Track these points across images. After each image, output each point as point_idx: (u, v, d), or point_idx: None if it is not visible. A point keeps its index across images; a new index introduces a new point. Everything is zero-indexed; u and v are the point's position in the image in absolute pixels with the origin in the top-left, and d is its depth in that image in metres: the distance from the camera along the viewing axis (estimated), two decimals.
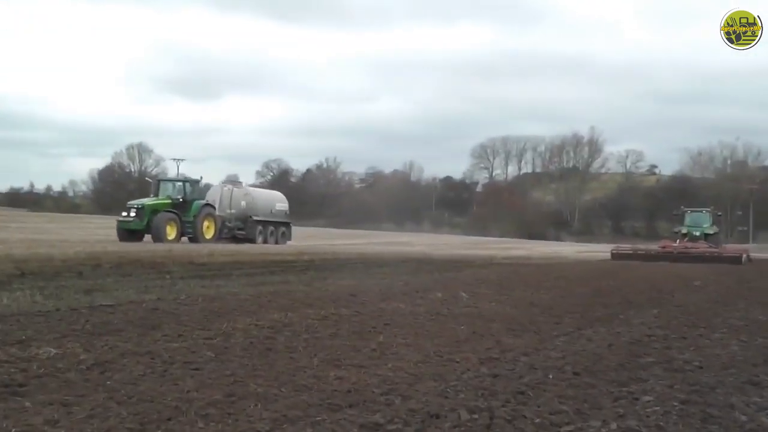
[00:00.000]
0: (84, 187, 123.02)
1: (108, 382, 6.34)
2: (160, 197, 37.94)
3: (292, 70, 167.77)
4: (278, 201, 47.95)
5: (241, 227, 43.11)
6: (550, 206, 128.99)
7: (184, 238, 37.62)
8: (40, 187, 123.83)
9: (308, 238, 56.53)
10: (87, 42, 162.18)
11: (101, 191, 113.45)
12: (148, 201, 37.38)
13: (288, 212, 48.39)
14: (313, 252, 32.65)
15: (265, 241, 43.45)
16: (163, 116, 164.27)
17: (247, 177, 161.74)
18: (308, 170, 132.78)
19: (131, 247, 27.21)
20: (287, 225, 47.47)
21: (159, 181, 40.32)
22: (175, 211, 36.83)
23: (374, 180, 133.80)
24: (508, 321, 10.95)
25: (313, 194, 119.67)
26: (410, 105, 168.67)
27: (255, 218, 43.71)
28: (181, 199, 37.77)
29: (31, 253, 20.66)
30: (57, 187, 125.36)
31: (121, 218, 36.66)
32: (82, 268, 17.28)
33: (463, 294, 14.70)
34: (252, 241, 42.32)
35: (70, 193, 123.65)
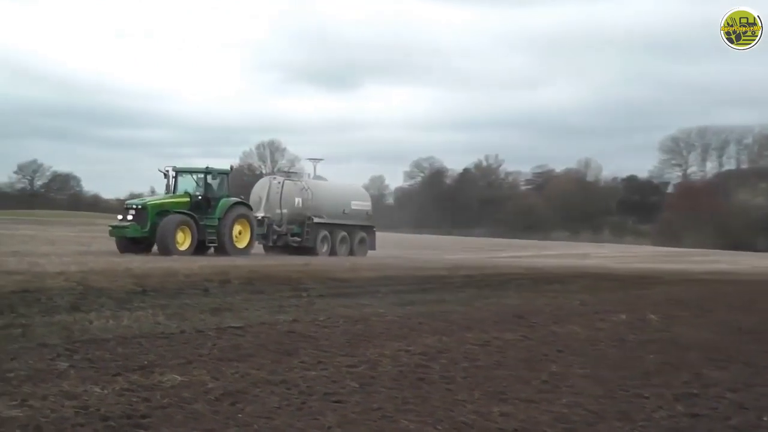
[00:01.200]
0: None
1: (239, 415, 6.53)
2: (175, 194, 33.22)
3: (444, 54, 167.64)
4: (354, 197, 41.88)
5: (297, 232, 37.69)
6: (761, 210, 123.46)
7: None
8: (161, 191, 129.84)
9: (465, 250, 56.55)
10: (208, 29, 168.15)
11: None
12: (151, 199, 33.35)
13: (371, 212, 42.48)
14: (472, 266, 32.64)
15: (332, 252, 38.38)
16: (296, 110, 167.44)
17: (395, 178, 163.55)
18: (465, 170, 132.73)
19: (260, 261, 28.04)
20: (368, 230, 41.53)
21: (176, 172, 33.97)
22: (189, 212, 31.68)
23: (543, 181, 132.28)
24: (709, 349, 10.55)
25: (470, 198, 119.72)
26: (586, 91, 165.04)
27: (317, 220, 38.02)
28: (199, 196, 32.64)
29: (152, 267, 21.68)
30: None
31: (115, 223, 32.10)
32: (208, 285, 17.94)
33: (653, 316, 14.27)
34: (311, 251, 37.28)
35: None
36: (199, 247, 31.48)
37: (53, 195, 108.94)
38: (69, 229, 53.20)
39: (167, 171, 33.55)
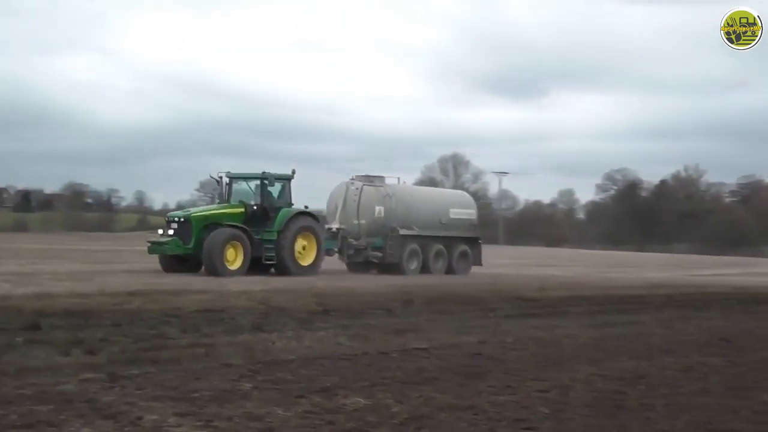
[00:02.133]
0: None
1: None
2: (229, 203, 29.69)
3: (637, 58, 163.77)
4: (454, 205, 36.51)
5: (379, 246, 32.82)
6: None
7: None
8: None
9: (663, 267, 54.96)
10: (385, 40, 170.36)
11: None
12: (196, 210, 30.24)
13: (475, 222, 37.16)
14: (672, 284, 31.67)
15: (424, 269, 33.48)
16: (478, 120, 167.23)
17: (585, 192, 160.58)
18: (662, 182, 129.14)
19: (438, 281, 28.12)
20: (472, 242, 36.08)
21: (230, 178, 30.38)
22: (241, 225, 28.25)
23: (750, 192, 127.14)
24: None
25: (668, 212, 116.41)
26: None
27: (403, 232, 33.00)
28: (255, 206, 29.15)
29: (333, 286, 22.14)
30: None
31: (154, 238, 29.11)
32: (391, 305, 18.14)
33: None
34: (397, 268, 32.48)
35: None
36: (255, 265, 27.97)
37: None
38: None
39: (220, 177, 30.28)
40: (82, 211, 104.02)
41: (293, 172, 30.29)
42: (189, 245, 27.34)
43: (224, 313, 15.36)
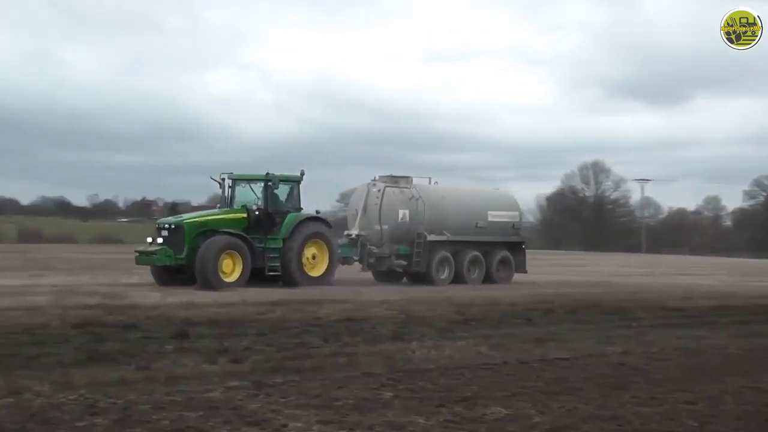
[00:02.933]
0: (530, 217, 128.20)
1: None
2: (231, 208, 27.03)
3: None
4: (493, 206, 32.69)
5: (405, 253, 29.73)
6: None
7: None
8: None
9: None
10: (518, 47, 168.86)
11: (550, 221, 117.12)
12: (190, 216, 27.18)
13: (519, 225, 33.73)
14: None
15: (457, 278, 30.34)
16: (618, 127, 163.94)
17: (733, 199, 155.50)
18: None
19: (577, 290, 27.69)
20: (514, 247, 32.67)
21: (233, 180, 27.54)
22: (239, 233, 25.64)
23: None
24: None
25: None
26: None
27: (432, 238, 29.92)
28: (256, 211, 26.43)
29: (473, 295, 22.10)
30: None
31: (141, 248, 26.41)
32: (531, 314, 18.00)
33: None
34: (426, 278, 29.66)
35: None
36: (259, 276, 25.56)
37: None
38: None
39: (222, 179, 27.35)
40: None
41: (302, 173, 27.44)
42: (181, 255, 24.92)
43: (364, 322, 15.53)
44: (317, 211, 28.03)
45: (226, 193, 27.24)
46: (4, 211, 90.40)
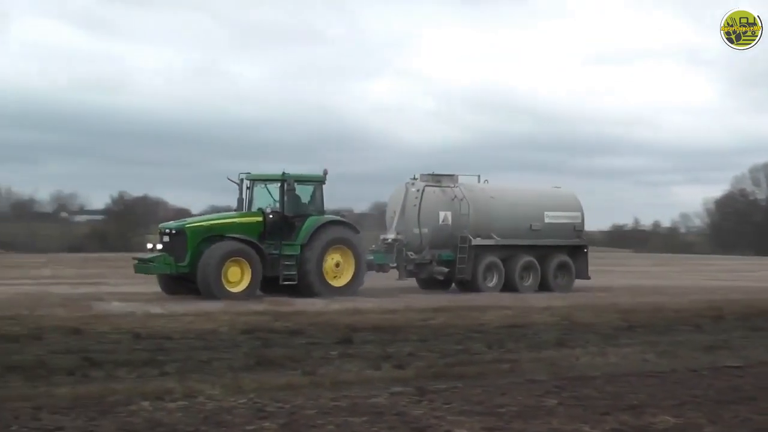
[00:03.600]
0: (698, 222, 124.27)
1: None
2: (248, 211, 24.74)
3: None
4: (551, 207, 29.36)
5: (448, 259, 26.83)
6: None
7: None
8: (646, 222, 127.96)
9: None
10: (679, 46, 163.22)
11: (719, 226, 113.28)
12: (194, 221, 25.05)
13: (580, 227, 29.91)
14: None
15: (507, 285, 27.13)
16: None
17: None
18: None
19: (748, 296, 26.60)
20: (576, 251, 29.16)
21: (251, 181, 25.21)
22: (247, 238, 23.34)
23: None
24: None
25: None
26: None
27: (478, 242, 26.94)
28: (271, 215, 24.00)
29: (638, 302, 21.57)
30: (666, 222, 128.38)
31: (139, 255, 25.27)
32: (700, 321, 17.42)
33: None
34: (472, 286, 26.70)
35: (682, 229, 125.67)
36: (275, 285, 23.49)
37: None
38: None
39: (241, 180, 24.99)
40: None
41: (325, 172, 25.13)
42: (183, 263, 22.66)
43: (527, 328, 15.42)
44: (342, 215, 26.37)
45: (244, 195, 24.87)
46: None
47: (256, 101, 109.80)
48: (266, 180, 24.75)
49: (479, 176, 29.06)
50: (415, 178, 27.59)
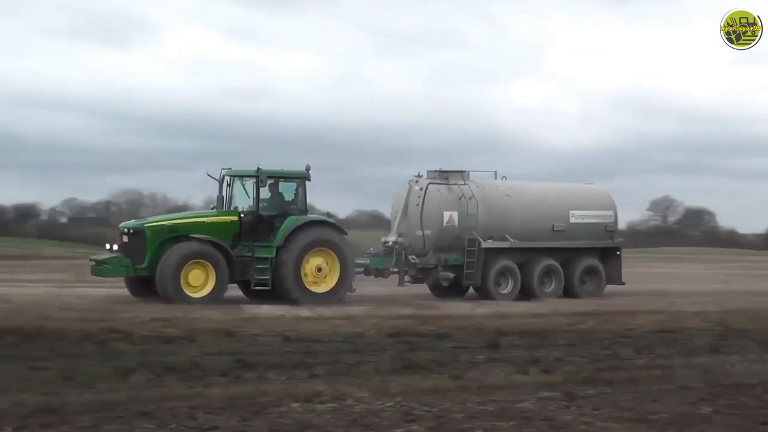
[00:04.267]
0: None
1: None
2: (222, 210, 22.74)
3: None
4: (578, 205, 26.56)
5: (456, 263, 24.34)
6: None
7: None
8: None
9: None
10: None
11: None
12: (155, 219, 23.45)
13: (612, 227, 27.06)
14: None
15: (525, 291, 24.67)
16: None
17: None
18: None
19: None
20: (607, 254, 26.64)
21: (232, 177, 23.09)
22: (211, 239, 21.39)
23: None
24: None
25: None
26: None
27: (487, 244, 24.33)
28: (242, 214, 22.29)
29: None
30: None
31: (95, 256, 23.55)
32: None
33: None
34: (483, 292, 24.45)
35: None
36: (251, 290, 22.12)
37: (687, 231, 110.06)
38: (705, 266, 53.17)
39: (223, 177, 22.95)
40: None
41: (307, 168, 22.79)
42: (142, 264, 21.14)
43: (679, 334, 15.02)
44: (328, 214, 24.26)
45: (224, 193, 22.85)
46: None
47: (400, 106, 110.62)
48: (243, 176, 22.80)
49: (495, 173, 26.53)
50: (419, 176, 25.37)
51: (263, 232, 21.90)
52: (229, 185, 22.83)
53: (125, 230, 21.91)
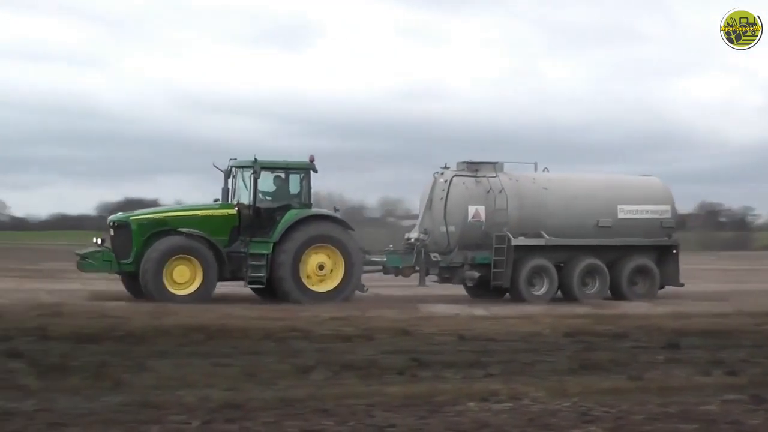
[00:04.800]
0: None
1: None
2: (223, 203, 21.73)
3: None
4: (626, 199, 24.13)
5: (484, 262, 22.52)
6: None
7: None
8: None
9: None
10: None
11: None
12: (143, 212, 21.97)
13: (670, 223, 24.46)
14: None
15: (565, 291, 22.90)
16: None
17: None
18: None
19: None
20: (661, 253, 24.15)
21: (237, 169, 21.85)
22: (199, 233, 20.29)
23: None
24: None
25: None
26: None
27: (518, 242, 22.44)
28: (236, 207, 21.24)
29: None
30: None
31: (81, 250, 21.75)
32: None
33: None
34: (514, 293, 22.63)
35: None
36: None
37: None
38: None
39: (230, 167, 21.75)
40: (716, 230, 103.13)
41: (311, 159, 21.38)
42: (127, 260, 20.22)
43: None
44: (335, 209, 22.39)
45: (229, 185, 21.73)
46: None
47: (573, 103, 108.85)
48: (243, 168, 21.46)
49: (536, 164, 24.50)
50: (446, 167, 23.55)
51: (263, 227, 20.72)
52: (233, 177, 21.69)
53: (111, 223, 21.00)
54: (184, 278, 19.99)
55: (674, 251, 24.11)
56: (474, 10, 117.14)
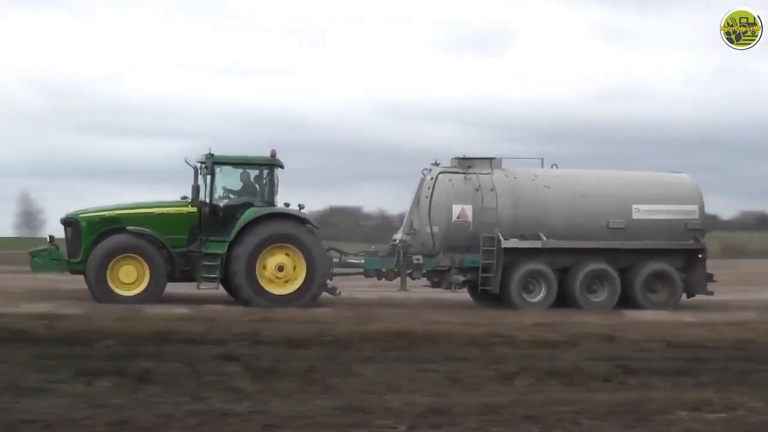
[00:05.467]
0: None
1: None
2: (177, 201, 20.65)
3: None
4: (642, 198, 21.64)
5: (472, 265, 20.61)
6: None
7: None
8: None
9: None
10: None
11: None
12: (93, 210, 20.54)
13: (697, 225, 21.81)
14: None
15: (568, 298, 20.64)
16: None
17: None
18: None
19: None
20: (684, 258, 21.59)
21: (207, 165, 20.24)
22: (146, 231, 19.36)
23: None
24: None
25: None
26: None
27: (508, 244, 20.41)
28: (190, 204, 20.01)
29: None
30: None
31: (34, 248, 21.03)
32: None
33: None
34: (506, 300, 20.48)
35: None
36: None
37: None
38: None
39: (198, 164, 20.28)
40: None
41: (272, 153, 20.23)
42: (76, 259, 19.55)
43: None
44: (300, 206, 20.36)
45: (199, 182, 20.26)
46: (708, 227, 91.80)
47: None
48: (203, 163, 20.30)
49: (542, 160, 22.24)
50: (436, 164, 21.71)
51: (225, 226, 19.76)
52: (203, 174, 20.45)
53: (63, 221, 20.40)
54: (130, 278, 19.32)
55: (699, 256, 21.66)
56: (669, 9, 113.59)
